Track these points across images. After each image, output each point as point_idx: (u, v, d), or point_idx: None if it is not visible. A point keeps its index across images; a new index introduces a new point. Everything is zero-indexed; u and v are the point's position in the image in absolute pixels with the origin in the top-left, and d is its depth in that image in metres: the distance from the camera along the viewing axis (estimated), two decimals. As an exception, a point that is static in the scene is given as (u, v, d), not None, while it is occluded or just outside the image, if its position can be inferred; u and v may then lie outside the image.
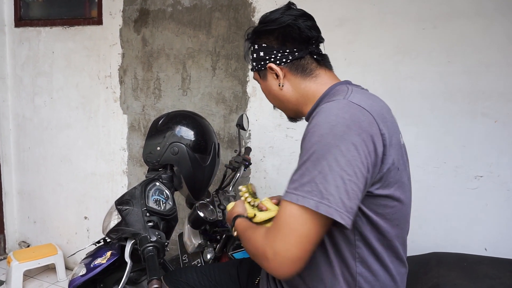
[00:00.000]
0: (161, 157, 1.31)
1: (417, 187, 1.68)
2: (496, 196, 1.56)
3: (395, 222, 0.83)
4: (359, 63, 1.72)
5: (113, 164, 2.42)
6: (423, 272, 1.29)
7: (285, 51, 0.94)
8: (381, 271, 0.85)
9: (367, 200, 0.79)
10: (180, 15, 2.10)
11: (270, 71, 0.97)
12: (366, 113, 0.78)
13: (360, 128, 0.75)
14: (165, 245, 1.07)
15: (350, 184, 0.72)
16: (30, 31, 2.55)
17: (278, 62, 0.95)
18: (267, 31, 0.95)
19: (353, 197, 0.73)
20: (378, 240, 0.83)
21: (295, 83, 0.96)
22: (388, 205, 0.81)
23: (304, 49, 0.94)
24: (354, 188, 0.72)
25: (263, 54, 0.96)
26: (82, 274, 1.22)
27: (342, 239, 0.82)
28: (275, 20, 0.94)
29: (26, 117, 2.67)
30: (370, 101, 0.83)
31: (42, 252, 2.46)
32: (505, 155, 1.53)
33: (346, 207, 0.72)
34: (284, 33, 0.94)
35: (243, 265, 1.22)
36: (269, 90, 1.01)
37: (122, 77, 2.31)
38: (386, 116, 0.84)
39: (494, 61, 1.52)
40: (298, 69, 0.95)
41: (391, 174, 0.80)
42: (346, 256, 0.82)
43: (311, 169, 0.74)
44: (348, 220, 0.72)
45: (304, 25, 0.94)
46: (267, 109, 1.92)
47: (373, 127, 0.77)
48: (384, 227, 0.82)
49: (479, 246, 1.59)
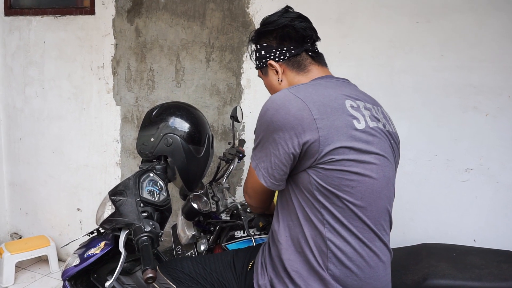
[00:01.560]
0: (155, 148, 1.30)
1: (409, 180, 1.71)
2: (485, 189, 1.59)
3: (359, 195, 0.93)
4: (353, 57, 1.73)
5: (106, 156, 2.41)
6: (414, 262, 1.31)
7: (283, 49, 1.08)
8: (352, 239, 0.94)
9: (320, 173, 0.92)
10: (174, 6, 2.08)
11: (270, 68, 1.11)
12: (299, 100, 0.92)
13: (287, 113, 0.91)
14: (159, 235, 1.07)
15: (273, 157, 0.94)
16: (21, 20, 2.51)
17: (277, 59, 1.09)
18: (267, 31, 1.10)
19: (275, 167, 0.95)
20: (342, 210, 0.93)
21: (290, 78, 1.09)
22: (344, 177, 0.92)
23: (300, 47, 1.08)
24: (276, 161, 0.94)
25: (264, 53, 1.11)
26: (75, 264, 1.22)
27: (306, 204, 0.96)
28: (273, 22, 1.08)
29: (17, 107, 2.63)
30: (313, 91, 0.96)
31: (35, 244, 2.45)
32: (495, 149, 1.56)
33: (269, 173, 0.97)
34: (282, 33, 1.07)
35: (238, 254, 1.24)
36: (270, 85, 1.15)
37: (115, 68, 2.29)
38: (330, 104, 0.94)
39: (486, 56, 1.53)
40: (294, 65, 1.09)
41: (339, 153, 0.91)
42: (314, 220, 0.95)
43: (256, 142, 1.00)
44: (270, 183, 0.97)
45: (299, 26, 1.07)
46: (261, 101, 1.91)
47: (303, 112, 0.91)
48: (344, 198, 0.93)
49: (468, 237, 1.63)
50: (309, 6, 1.75)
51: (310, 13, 1.82)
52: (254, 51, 1.15)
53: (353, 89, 1.06)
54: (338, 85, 1.03)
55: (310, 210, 0.95)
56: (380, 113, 1.07)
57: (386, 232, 1.01)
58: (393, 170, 1.04)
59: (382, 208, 0.98)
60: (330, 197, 0.93)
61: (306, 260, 0.96)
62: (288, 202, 1.00)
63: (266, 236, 1.41)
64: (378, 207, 0.97)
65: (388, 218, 1.02)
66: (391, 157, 1.02)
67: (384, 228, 1.00)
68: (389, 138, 1.03)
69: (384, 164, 0.97)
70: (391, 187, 1.02)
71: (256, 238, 1.40)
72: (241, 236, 1.43)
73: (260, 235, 1.42)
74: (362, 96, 1.05)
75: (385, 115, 1.10)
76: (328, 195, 0.93)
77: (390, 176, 1.01)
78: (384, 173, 0.98)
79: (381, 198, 0.97)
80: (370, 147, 0.95)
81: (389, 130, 1.04)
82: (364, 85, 1.36)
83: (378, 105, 1.10)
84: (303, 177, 0.94)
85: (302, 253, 0.97)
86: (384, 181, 0.98)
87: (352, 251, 0.94)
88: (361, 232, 0.95)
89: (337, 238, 0.94)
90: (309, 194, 0.94)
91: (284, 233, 1.00)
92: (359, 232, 0.95)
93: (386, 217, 1.01)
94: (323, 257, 0.94)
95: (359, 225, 0.95)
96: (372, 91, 1.22)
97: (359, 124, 0.95)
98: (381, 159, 0.97)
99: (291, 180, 0.99)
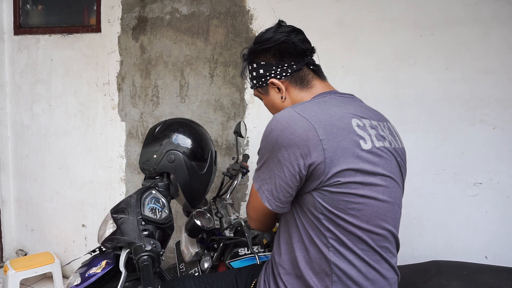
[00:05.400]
0: (158, 165, 1.30)
1: (416, 194, 1.67)
2: (495, 203, 1.55)
3: (364, 218, 0.90)
4: (357, 70, 1.72)
5: (111, 172, 2.41)
6: (423, 280, 1.27)
7: (283, 65, 1.03)
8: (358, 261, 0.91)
9: (325, 196, 0.89)
10: (178, 23, 2.10)
11: (271, 86, 1.06)
12: (304, 120, 0.89)
13: (293, 134, 0.87)
14: (160, 254, 1.05)
15: (278, 179, 0.90)
16: (29, 39, 2.56)
17: (279, 76, 1.04)
18: (264, 49, 1.04)
19: (280, 190, 0.91)
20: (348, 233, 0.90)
21: (294, 94, 1.05)
22: (350, 200, 0.89)
23: (301, 61, 1.03)
24: (281, 183, 0.90)
25: (263, 71, 1.05)
26: (76, 283, 1.20)
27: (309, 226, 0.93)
28: (270, 39, 1.03)
29: (24, 124, 2.66)
30: (318, 111, 0.92)
31: (39, 261, 2.44)
32: (504, 162, 1.52)
33: (273, 196, 0.92)
34: (280, 50, 1.02)
35: (241, 273, 1.22)
36: (271, 103, 1.10)
37: (120, 85, 2.31)
38: (336, 123, 0.90)
39: (492, 68, 1.51)
40: (297, 81, 1.04)
41: (345, 175, 0.87)
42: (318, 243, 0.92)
43: (260, 163, 0.95)
44: (275, 206, 0.93)
45: (297, 39, 1.02)
46: (265, 116, 1.92)
47: (309, 133, 0.87)
48: (350, 221, 0.89)
49: (480, 254, 1.58)
50: (311, 20, 1.75)
51: (313, 27, 1.84)
52: (249, 70, 1.09)
53: (359, 106, 1.02)
54: (343, 102, 1.00)
55: (314, 233, 0.92)
56: (386, 129, 1.03)
57: (392, 254, 0.98)
58: (400, 191, 1.00)
59: (388, 230, 0.95)
60: (335, 220, 0.89)
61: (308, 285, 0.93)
62: (291, 223, 0.97)
63: (270, 253, 1.38)
64: (384, 229, 0.94)
65: (394, 240, 0.98)
66: (398, 178, 0.99)
67: (390, 250, 0.97)
68: (396, 156, 1.00)
69: (390, 185, 0.95)
70: (397, 209, 0.98)
71: (260, 255, 1.37)
72: (245, 254, 1.40)
73: (265, 252, 1.39)
74: (368, 113, 1.01)
75: (392, 130, 1.06)
76: (333, 218, 0.90)
77: (397, 197, 0.98)
78: (390, 195, 0.95)
79: (387, 221, 0.94)
80: (376, 168, 0.91)
81: (395, 148, 1.01)
82: (369, 98, 1.35)
83: (384, 120, 1.07)
84: (308, 199, 0.91)
85: (303, 278, 0.94)
86: (391, 202, 0.95)
87: (357, 273, 0.91)
88: (366, 254, 0.92)
89: (342, 261, 0.91)
90: (313, 216, 0.91)
91: (286, 256, 0.98)
92: (365, 254, 0.91)
93: (392, 239, 0.97)
94: (326, 281, 0.91)
95: (364, 247, 0.92)
96: (377, 105, 1.21)
97: (365, 144, 0.91)
98: (388, 180, 0.94)
99: (295, 202, 0.96)
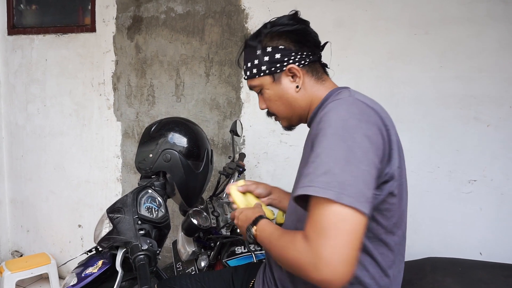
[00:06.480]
0: (154, 164, 1.30)
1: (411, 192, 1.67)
2: (490, 200, 1.56)
3: (392, 219, 0.84)
4: (352, 69, 1.73)
5: (107, 172, 2.41)
6: (418, 277, 1.28)
7: (303, 53, 0.93)
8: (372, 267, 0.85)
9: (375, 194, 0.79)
10: (173, 22, 2.10)
11: (287, 74, 0.94)
12: (371, 109, 0.82)
13: (370, 122, 0.78)
14: (156, 253, 1.05)
15: (366, 175, 0.73)
16: (23, 39, 2.54)
17: (298, 63, 0.93)
18: (286, 32, 0.93)
19: (370, 187, 0.73)
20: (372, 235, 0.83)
21: (309, 86, 0.95)
22: (386, 201, 0.81)
23: (317, 53, 0.97)
24: (369, 178, 0.73)
25: (280, 56, 0.93)
26: (73, 283, 1.20)
27: None
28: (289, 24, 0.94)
29: (19, 124, 2.65)
30: (372, 101, 0.86)
31: (35, 262, 2.43)
32: (498, 159, 1.54)
33: (366, 196, 0.71)
34: (303, 35, 0.94)
35: (238, 271, 1.22)
36: (281, 94, 0.96)
37: (116, 84, 2.31)
38: (387, 115, 0.86)
39: (486, 66, 1.53)
40: (313, 72, 0.96)
41: (396, 170, 0.81)
42: None
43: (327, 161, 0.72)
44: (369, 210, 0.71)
45: (313, 31, 0.97)
46: (261, 115, 1.92)
47: (379, 121, 0.80)
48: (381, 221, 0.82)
49: (474, 250, 1.59)
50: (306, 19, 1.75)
51: (308, 26, 1.84)
52: (260, 55, 0.94)
53: None
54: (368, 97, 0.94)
55: None
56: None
57: (403, 257, 0.94)
58: None
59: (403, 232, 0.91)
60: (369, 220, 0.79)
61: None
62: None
63: (267, 252, 1.38)
64: (403, 231, 0.90)
65: (404, 242, 0.94)
66: None
67: (401, 251, 0.93)
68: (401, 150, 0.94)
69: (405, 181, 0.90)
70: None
71: (257, 253, 1.38)
72: (241, 252, 1.41)
73: (261, 250, 1.40)
74: None
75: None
76: None
77: None
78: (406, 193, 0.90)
79: (404, 222, 0.90)
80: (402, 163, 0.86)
81: None
82: (363, 97, 1.36)
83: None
84: None
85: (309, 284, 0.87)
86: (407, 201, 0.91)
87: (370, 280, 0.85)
88: (382, 257, 0.86)
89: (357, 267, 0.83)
90: None
91: None
92: (381, 257, 0.85)
93: (403, 241, 0.93)
94: None
95: (383, 251, 0.86)
96: (371, 104, 1.21)
97: None
98: (404, 176, 0.89)
99: None
